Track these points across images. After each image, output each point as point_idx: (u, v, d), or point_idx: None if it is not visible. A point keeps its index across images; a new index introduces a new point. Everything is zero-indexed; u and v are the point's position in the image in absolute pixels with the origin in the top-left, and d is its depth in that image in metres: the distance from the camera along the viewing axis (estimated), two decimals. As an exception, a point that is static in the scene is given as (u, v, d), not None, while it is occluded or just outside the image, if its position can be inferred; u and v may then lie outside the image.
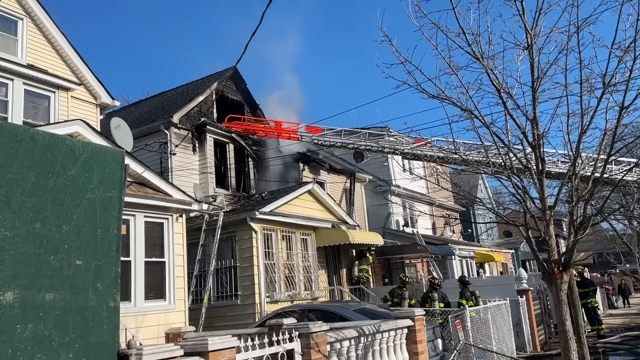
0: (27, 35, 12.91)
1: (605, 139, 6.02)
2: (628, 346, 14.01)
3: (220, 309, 13.49)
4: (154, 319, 9.70)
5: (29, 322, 3.44)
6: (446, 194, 27.97)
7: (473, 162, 7.98)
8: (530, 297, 15.11)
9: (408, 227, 25.59)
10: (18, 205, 3.53)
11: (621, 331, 17.43)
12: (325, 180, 20.79)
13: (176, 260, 10.42)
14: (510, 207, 13.69)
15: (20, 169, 3.57)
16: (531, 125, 6.14)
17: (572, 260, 6.01)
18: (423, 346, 8.22)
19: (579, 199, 5.79)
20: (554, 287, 5.80)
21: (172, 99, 19.76)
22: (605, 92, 5.76)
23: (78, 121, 9.66)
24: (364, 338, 7.13)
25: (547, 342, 15.63)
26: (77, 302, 3.74)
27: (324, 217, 16.23)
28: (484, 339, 11.19)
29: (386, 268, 21.06)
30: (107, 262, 4.03)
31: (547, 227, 5.86)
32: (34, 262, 3.55)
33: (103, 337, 3.85)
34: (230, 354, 4.76)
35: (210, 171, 16.46)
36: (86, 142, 4.27)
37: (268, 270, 13.66)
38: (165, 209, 10.40)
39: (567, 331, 5.76)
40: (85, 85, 13.83)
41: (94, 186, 4.05)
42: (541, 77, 6.07)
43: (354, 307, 10.09)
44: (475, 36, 6.24)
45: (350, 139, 18.03)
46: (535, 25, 6.19)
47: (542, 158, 6.04)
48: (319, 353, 6.09)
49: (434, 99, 6.52)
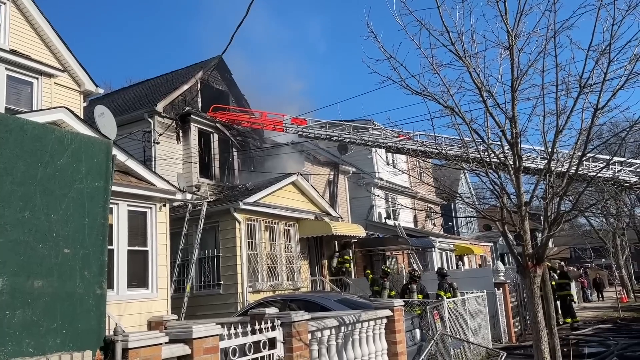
0: (10, 20, 12.73)
1: (581, 138, 6.24)
2: (600, 338, 14.43)
3: (203, 298, 13.58)
4: (136, 307, 9.76)
5: (18, 308, 3.52)
6: (428, 188, 28.30)
7: (453, 157, 8.16)
8: (507, 290, 15.45)
9: (390, 219, 25.87)
10: (7, 194, 3.60)
11: (594, 324, 17.92)
12: (309, 172, 20.90)
13: (159, 249, 10.48)
14: (489, 202, 13.99)
15: (10, 159, 3.64)
16: (510, 124, 6.33)
17: (546, 255, 6.24)
18: (401, 336, 8.43)
19: (554, 195, 6.00)
20: (527, 280, 6.03)
21: (156, 87, 19.63)
22: (582, 93, 5.97)
23: (62, 109, 9.62)
24: (344, 327, 7.30)
25: (522, 333, 16.02)
26: (65, 289, 3.83)
27: (307, 208, 16.36)
28: (461, 330, 11.46)
29: (368, 259, 21.30)
30: (94, 251, 4.12)
31: (522, 222, 6.07)
32: (23, 250, 3.63)
33: (90, 324, 3.95)
34: (213, 342, 4.88)
35: (194, 161, 16.46)
36: (75, 133, 4.33)
37: (251, 261, 13.77)
38: (148, 198, 10.43)
39: (539, 322, 5.99)
40: (68, 72, 13.71)
41: (82, 176, 4.12)
42: (520, 77, 6.26)
43: (335, 297, 10.27)
44: (458, 34, 6.40)
45: (335, 131, 18.14)
46: (516, 26, 6.37)
47: (520, 155, 6.24)
48: (301, 341, 6.24)
49: (417, 95, 6.67)
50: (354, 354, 7.51)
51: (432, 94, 6.57)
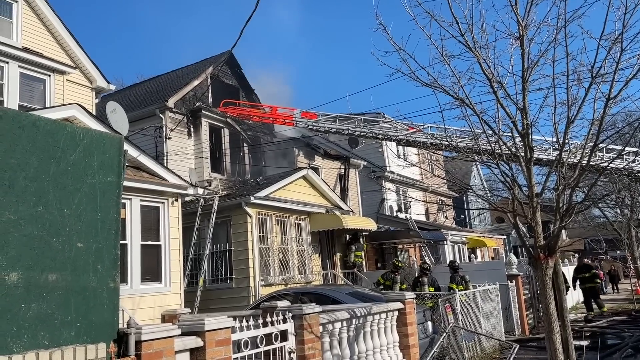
0: (22, 17, 12.86)
1: (593, 128, 6.17)
2: (614, 330, 14.33)
3: (215, 291, 13.69)
4: (150, 301, 9.87)
5: (32, 302, 3.59)
6: (439, 180, 28.18)
7: (464, 149, 8.12)
8: (520, 282, 15.38)
9: (401, 212, 25.81)
10: (21, 190, 3.65)
11: (608, 316, 17.79)
12: (320, 166, 20.91)
13: (172, 243, 10.57)
14: (501, 194, 13.91)
15: (23, 154, 3.69)
16: (521, 115, 6.28)
17: (558, 246, 6.20)
18: (413, 328, 8.45)
19: (565, 186, 5.95)
20: (539, 272, 6.00)
21: (167, 82, 19.73)
22: (593, 83, 5.89)
23: (74, 105, 9.72)
24: (355, 320, 7.33)
25: (535, 325, 15.94)
26: (79, 283, 3.89)
27: (318, 202, 16.39)
28: (473, 322, 11.44)
29: (379, 253, 21.31)
30: (107, 245, 4.17)
31: (534, 214, 6.03)
32: (37, 244, 3.69)
33: (103, 317, 4.01)
34: (225, 334, 4.93)
35: (205, 156, 16.55)
36: (86, 129, 4.38)
37: (262, 254, 13.84)
38: (161, 193, 10.52)
39: (551, 314, 5.96)
40: (80, 68, 13.83)
41: (94, 171, 4.17)
42: (531, 67, 6.19)
43: (346, 290, 10.30)
44: (468, 25, 6.34)
45: (345, 125, 18.11)
46: (527, 16, 6.30)
47: (531, 147, 6.19)
48: (312, 334, 6.28)
49: (427, 87, 6.63)
50: (366, 346, 7.54)
51: (442, 86, 6.52)
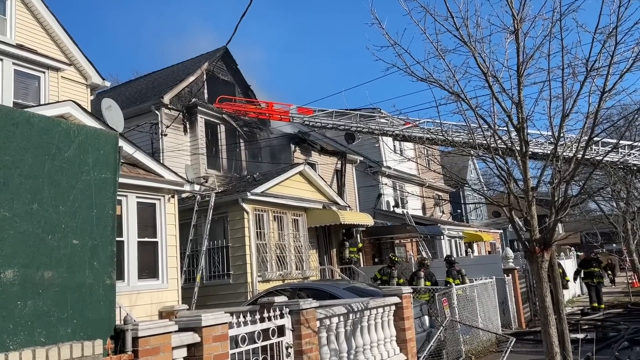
0: (16, 14, 12.79)
1: (587, 122, 6.18)
2: (610, 323, 14.41)
3: (213, 287, 13.70)
4: (147, 298, 9.88)
5: (28, 299, 3.58)
6: (436, 175, 28.23)
7: (460, 143, 8.13)
8: (517, 276, 15.45)
9: (398, 207, 25.85)
10: (16, 187, 3.64)
11: (605, 309, 17.88)
12: (317, 162, 20.91)
13: (168, 240, 10.57)
14: (497, 188, 13.93)
15: (18, 152, 3.68)
16: (516, 109, 6.28)
17: (554, 240, 6.22)
18: (410, 323, 8.48)
19: (561, 180, 5.97)
20: (535, 265, 6.02)
21: (163, 79, 19.67)
22: (588, 76, 5.90)
23: (69, 102, 9.68)
24: (352, 315, 7.35)
25: (532, 319, 16.02)
26: (75, 280, 3.89)
27: (315, 198, 16.40)
28: (470, 316, 11.49)
29: (376, 248, 21.34)
30: (103, 242, 4.16)
31: (529, 207, 6.05)
32: (33, 242, 3.68)
33: (100, 313, 4.01)
34: (223, 330, 4.94)
35: (201, 152, 16.52)
36: (81, 125, 4.36)
37: (260, 250, 13.85)
38: (157, 190, 10.50)
39: (547, 307, 5.99)
40: (75, 65, 13.77)
41: (89, 168, 4.16)
42: (526, 61, 6.19)
43: (344, 285, 10.33)
44: (463, 19, 6.34)
45: (342, 120, 18.10)
46: (522, 10, 6.29)
47: (526, 141, 6.20)
48: (309, 329, 6.30)
49: (422, 82, 6.63)
50: (363, 340, 7.57)
51: (438, 80, 6.51)
